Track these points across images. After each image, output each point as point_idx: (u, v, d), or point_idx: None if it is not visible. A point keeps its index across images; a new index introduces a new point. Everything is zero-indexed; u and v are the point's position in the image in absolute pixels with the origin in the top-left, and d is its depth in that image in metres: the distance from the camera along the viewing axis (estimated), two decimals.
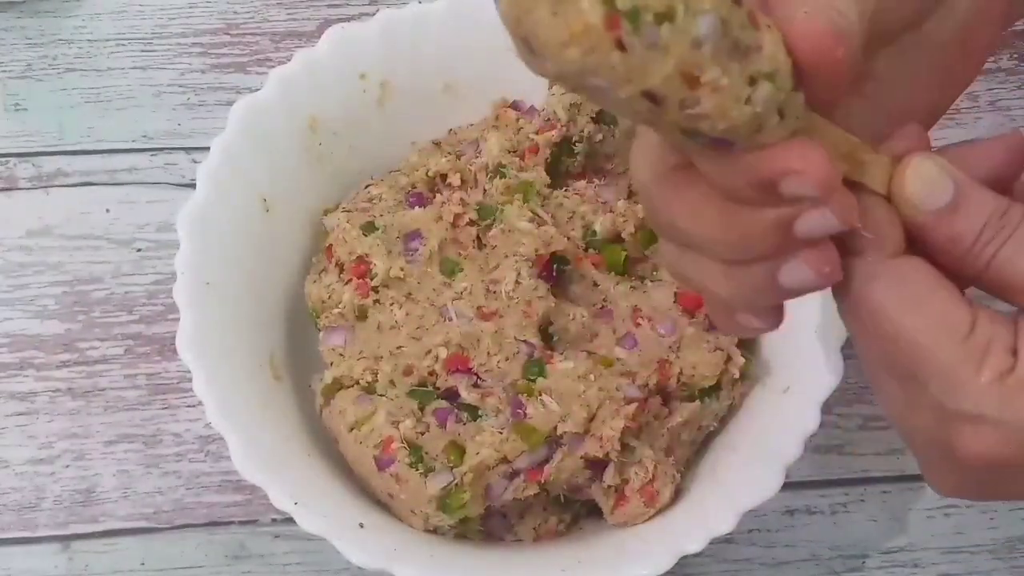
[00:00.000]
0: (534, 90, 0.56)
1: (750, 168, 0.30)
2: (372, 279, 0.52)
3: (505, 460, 0.48)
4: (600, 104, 0.29)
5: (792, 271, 0.32)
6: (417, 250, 0.52)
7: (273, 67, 0.54)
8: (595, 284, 0.53)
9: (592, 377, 0.49)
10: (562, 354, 0.50)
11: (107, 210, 0.60)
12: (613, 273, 0.53)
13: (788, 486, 0.47)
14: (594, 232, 0.53)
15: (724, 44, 0.28)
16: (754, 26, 0.29)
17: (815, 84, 0.30)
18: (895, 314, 0.32)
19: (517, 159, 0.54)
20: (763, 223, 0.31)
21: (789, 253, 0.32)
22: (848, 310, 0.34)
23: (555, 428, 0.48)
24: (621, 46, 0.26)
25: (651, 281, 0.53)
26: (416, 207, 0.53)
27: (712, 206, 0.32)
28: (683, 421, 0.50)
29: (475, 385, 0.49)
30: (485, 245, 0.52)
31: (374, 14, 0.55)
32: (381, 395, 0.50)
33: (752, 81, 0.29)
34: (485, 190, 0.54)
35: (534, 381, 0.49)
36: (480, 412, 0.49)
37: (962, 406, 0.32)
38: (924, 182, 0.33)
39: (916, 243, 0.33)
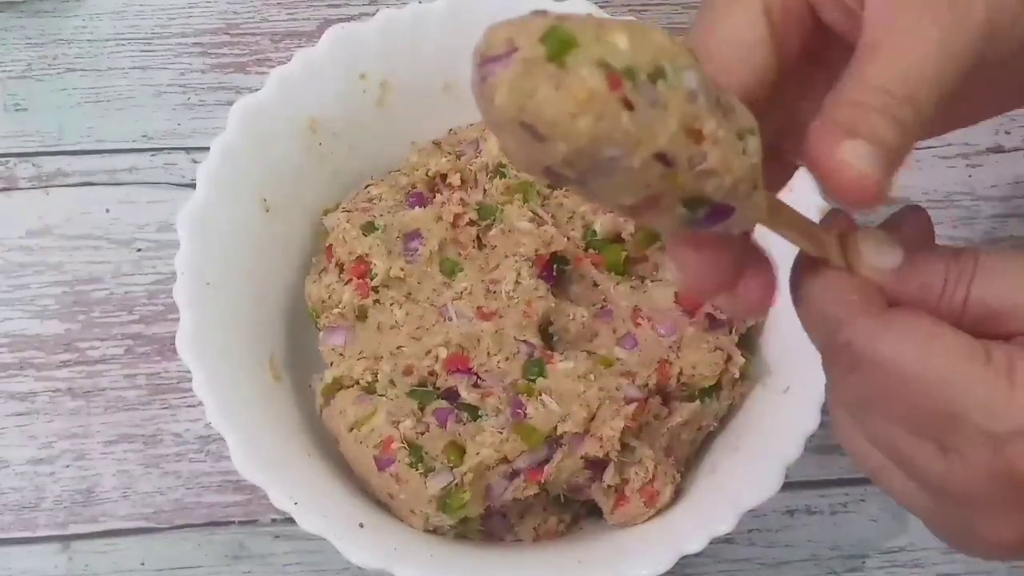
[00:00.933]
0: None
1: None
2: (372, 279, 0.52)
3: (505, 460, 0.48)
4: (602, 192, 0.29)
5: (725, 303, 0.34)
6: (417, 250, 0.52)
7: (273, 67, 0.54)
8: (595, 284, 0.53)
9: (592, 377, 0.49)
10: (562, 354, 0.50)
11: (107, 210, 0.60)
12: (613, 273, 0.53)
13: (788, 486, 0.47)
14: (594, 232, 0.53)
15: (712, 98, 0.28)
16: (721, 89, 0.29)
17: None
18: (912, 359, 0.32)
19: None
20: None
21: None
22: (860, 380, 0.33)
23: (555, 428, 0.48)
24: (628, 105, 0.27)
25: (651, 281, 0.53)
26: (416, 207, 0.53)
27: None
28: (683, 421, 0.50)
29: (475, 385, 0.49)
30: (485, 245, 0.52)
31: (374, 14, 0.55)
32: (381, 395, 0.50)
33: (740, 137, 0.29)
34: (485, 190, 0.54)
35: (534, 381, 0.49)
36: (480, 412, 0.49)
37: (1011, 424, 0.31)
38: (878, 246, 0.33)
39: (893, 306, 0.33)
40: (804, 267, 0.34)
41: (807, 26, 0.34)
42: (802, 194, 0.40)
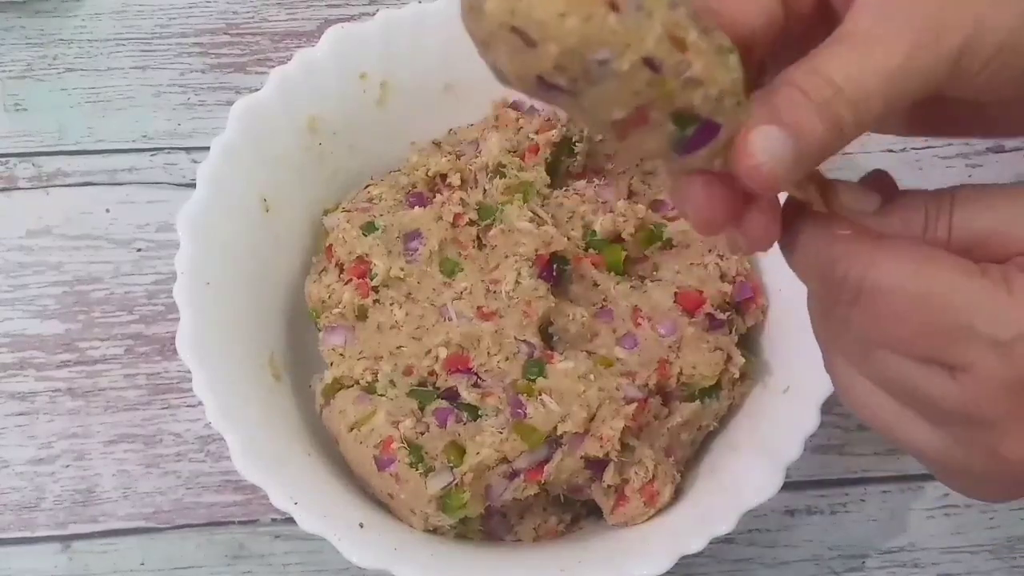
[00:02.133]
0: None
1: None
2: (372, 279, 0.52)
3: (505, 460, 0.48)
4: (594, 103, 0.29)
5: (731, 237, 0.34)
6: (417, 250, 0.52)
7: (273, 67, 0.54)
8: (595, 284, 0.53)
9: (592, 377, 0.49)
10: (562, 354, 0.50)
11: (107, 210, 0.60)
12: (613, 273, 0.53)
13: (788, 486, 0.47)
14: (594, 232, 0.53)
15: (690, 12, 0.29)
16: (699, 13, 0.30)
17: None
18: (911, 279, 0.32)
19: (517, 159, 0.54)
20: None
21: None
22: (860, 315, 0.34)
23: (555, 428, 0.48)
24: (614, 6, 0.28)
25: (651, 281, 0.53)
26: (416, 207, 0.53)
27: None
28: (683, 421, 0.50)
29: (475, 385, 0.49)
30: (485, 245, 0.52)
31: (374, 14, 0.55)
32: (381, 395, 0.50)
33: (720, 52, 0.30)
34: (485, 190, 0.54)
35: (534, 381, 0.49)
36: (480, 412, 0.49)
37: (1017, 327, 0.32)
38: (856, 191, 0.34)
39: None
40: (793, 211, 0.34)
41: None
42: None
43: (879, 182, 0.35)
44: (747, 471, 0.48)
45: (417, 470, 0.47)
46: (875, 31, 0.31)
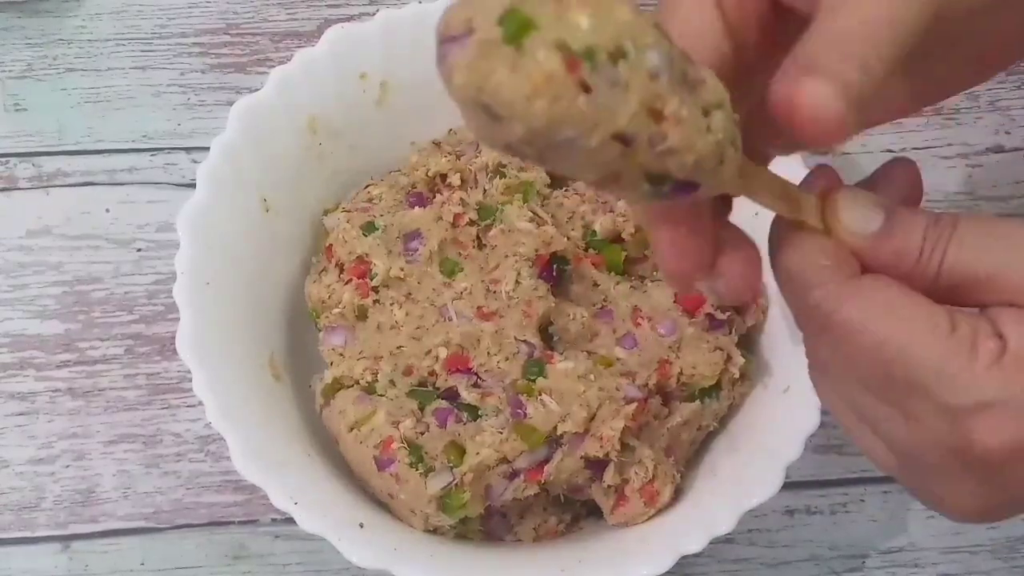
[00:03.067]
0: None
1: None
2: (372, 279, 0.52)
3: (505, 460, 0.48)
4: (564, 168, 0.29)
5: (707, 287, 0.34)
6: (417, 250, 0.52)
7: (273, 67, 0.54)
8: (595, 284, 0.53)
9: (592, 377, 0.49)
10: (562, 354, 0.50)
11: (107, 210, 0.60)
12: (613, 273, 0.53)
13: (788, 486, 0.47)
14: (594, 232, 0.53)
15: (676, 76, 0.28)
16: (691, 62, 0.29)
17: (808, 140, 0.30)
18: (876, 324, 0.32)
19: (517, 159, 0.54)
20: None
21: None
22: (827, 343, 0.34)
23: (555, 428, 0.48)
24: (585, 88, 0.27)
25: (651, 281, 0.53)
26: (416, 207, 0.53)
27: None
28: (683, 421, 0.50)
29: (475, 385, 0.49)
30: (485, 245, 0.52)
31: (374, 14, 0.55)
32: (381, 395, 0.50)
33: (705, 112, 0.29)
34: (485, 190, 0.54)
35: (534, 381, 0.49)
36: (480, 412, 0.49)
37: (967, 398, 0.32)
38: (856, 210, 0.34)
39: (866, 270, 0.34)
40: (780, 230, 0.34)
41: (765, 11, 0.34)
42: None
43: (901, 170, 0.35)
44: (747, 471, 0.48)
45: (417, 470, 0.47)
46: None
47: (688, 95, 0.29)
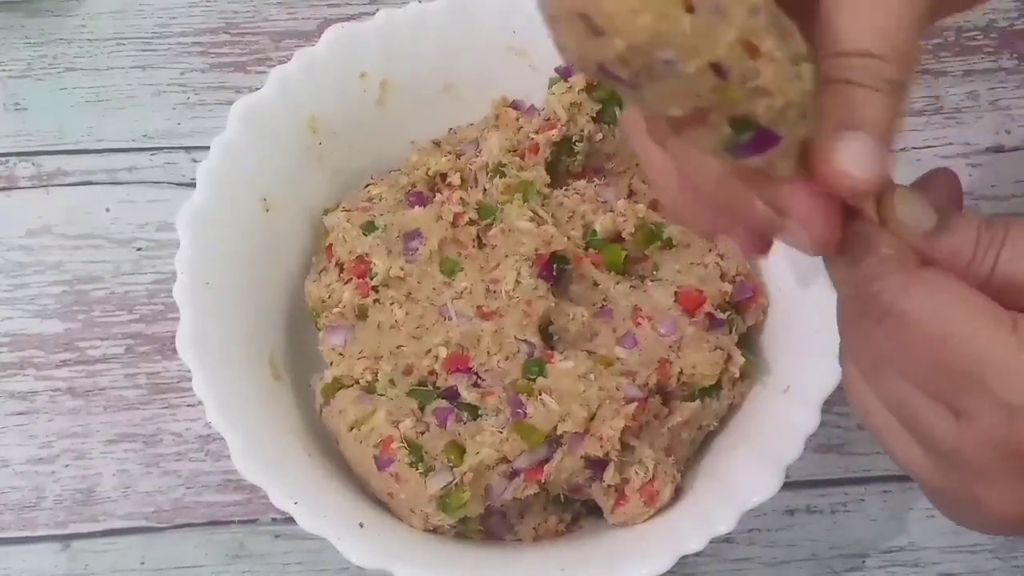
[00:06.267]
0: (534, 90, 0.56)
1: (767, 193, 0.31)
2: (372, 279, 0.52)
3: (505, 460, 0.48)
4: (652, 98, 0.28)
5: (790, 234, 0.33)
6: (417, 250, 0.52)
7: (273, 67, 0.54)
8: (595, 284, 0.53)
9: (592, 377, 0.49)
10: (562, 354, 0.50)
11: (107, 210, 0.60)
12: (613, 273, 0.53)
13: (788, 486, 0.47)
14: (594, 232, 0.53)
15: (771, 18, 0.28)
16: (782, 12, 0.29)
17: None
18: (941, 315, 0.32)
19: (517, 158, 0.54)
20: (755, 213, 0.32)
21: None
22: (884, 333, 0.33)
23: (555, 428, 0.48)
24: (690, 7, 0.26)
25: (651, 281, 0.53)
26: (416, 207, 0.53)
27: (713, 170, 0.32)
28: (683, 421, 0.50)
29: (475, 385, 0.49)
30: (485, 245, 0.52)
31: (374, 14, 0.55)
32: (381, 395, 0.50)
33: (794, 63, 0.29)
34: (485, 190, 0.54)
35: (534, 381, 0.49)
36: (480, 412, 0.49)
37: None
38: (911, 209, 0.33)
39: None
40: (840, 217, 0.33)
41: None
42: None
43: (943, 179, 0.35)
44: (747, 471, 0.48)
45: (417, 470, 0.47)
46: None
47: (781, 40, 0.28)
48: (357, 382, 0.50)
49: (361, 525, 0.46)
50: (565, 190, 0.55)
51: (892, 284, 0.33)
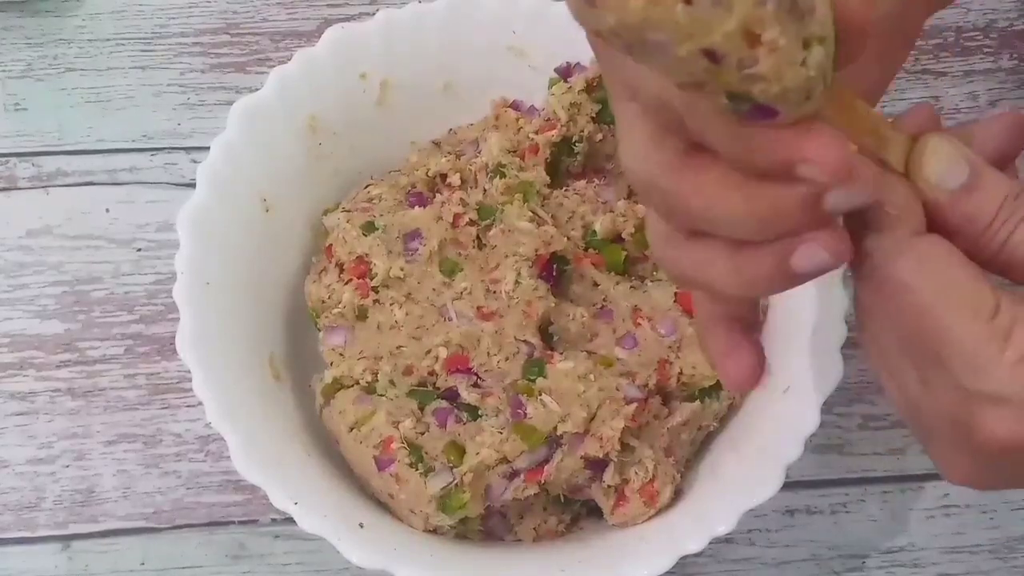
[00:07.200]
0: (534, 90, 0.56)
1: (770, 149, 0.30)
2: (372, 279, 0.52)
3: (505, 460, 0.48)
4: (648, 61, 0.28)
5: (807, 253, 0.32)
6: (417, 250, 0.52)
7: (273, 67, 0.54)
8: (595, 284, 0.53)
9: (592, 377, 0.49)
10: (562, 354, 0.50)
11: (107, 210, 0.60)
12: (613, 273, 0.53)
13: (788, 486, 0.47)
14: (594, 232, 0.53)
15: (785, 3, 0.27)
16: None
17: (849, 45, 0.30)
18: (921, 292, 0.32)
19: (517, 159, 0.54)
20: (791, 199, 0.31)
21: (810, 230, 0.32)
22: (870, 288, 0.34)
23: (555, 428, 0.48)
24: None
25: (651, 281, 0.53)
26: (416, 207, 0.53)
27: (734, 186, 0.32)
28: (683, 421, 0.50)
29: (475, 385, 0.49)
30: (485, 245, 0.52)
31: (374, 14, 0.55)
32: (381, 395, 0.50)
33: (805, 45, 0.28)
34: (485, 190, 0.54)
35: (534, 381, 0.49)
36: (480, 412, 0.49)
37: (985, 387, 0.32)
38: (941, 162, 0.33)
39: (933, 223, 0.33)
40: (854, 162, 0.32)
41: None
42: None
43: (1004, 127, 0.35)
44: (747, 471, 0.48)
45: (417, 470, 0.47)
46: None
47: (792, 24, 0.28)
48: (357, 382, 0.50)
49: (361, 525, 0.46)
50: (565, 190, 0.55)
51: (884, 246, 0.33)
